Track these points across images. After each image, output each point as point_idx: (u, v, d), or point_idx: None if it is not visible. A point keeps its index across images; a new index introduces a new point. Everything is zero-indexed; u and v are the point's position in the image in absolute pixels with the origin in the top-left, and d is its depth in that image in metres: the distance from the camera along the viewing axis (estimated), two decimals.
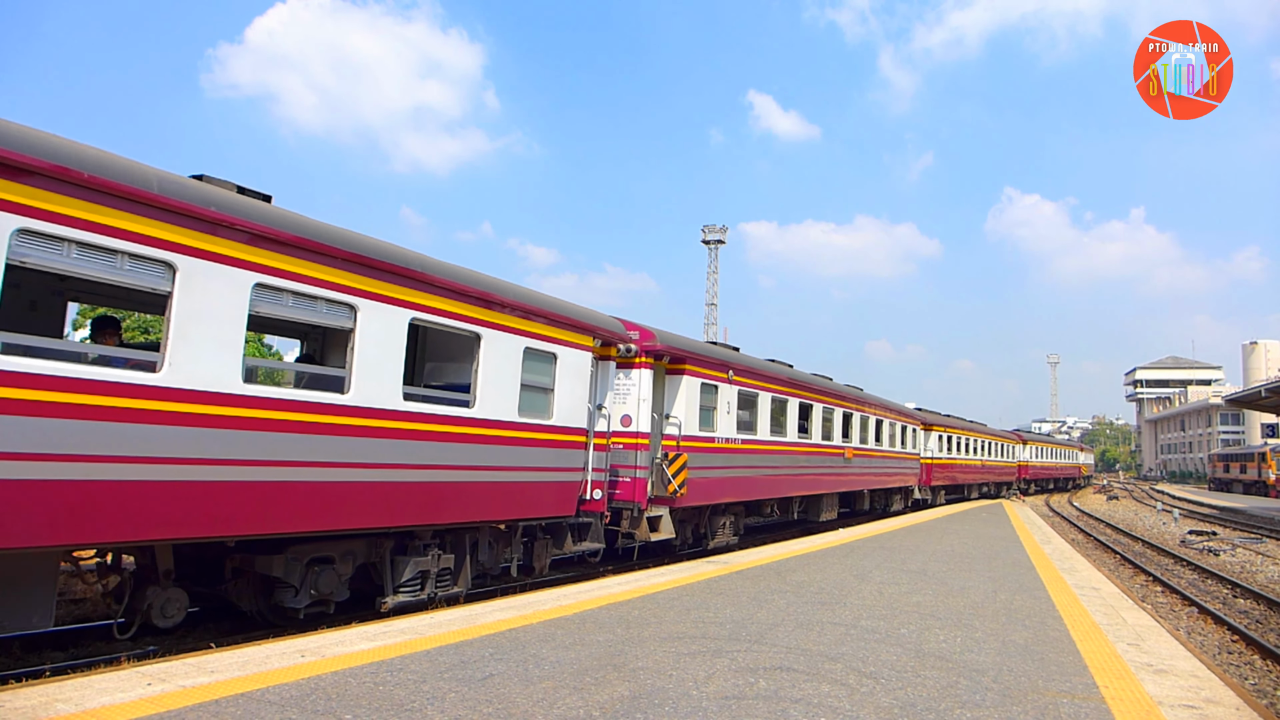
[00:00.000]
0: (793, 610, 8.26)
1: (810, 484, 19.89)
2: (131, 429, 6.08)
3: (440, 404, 8.92)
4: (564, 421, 10.57)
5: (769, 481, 17.38)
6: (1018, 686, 5.72)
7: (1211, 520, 35.52)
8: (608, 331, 11.76)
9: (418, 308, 8.51)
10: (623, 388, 13.03)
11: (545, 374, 10.34)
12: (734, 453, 15.53)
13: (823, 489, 20.86)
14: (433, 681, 5.34)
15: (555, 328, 10.49)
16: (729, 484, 15.47)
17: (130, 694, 4.85)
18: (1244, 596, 15.43)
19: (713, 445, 14.70)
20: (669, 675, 5.65)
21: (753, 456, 16.40)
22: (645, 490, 12.78)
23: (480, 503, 9.34)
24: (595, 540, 11.80)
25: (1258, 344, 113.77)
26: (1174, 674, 6.28)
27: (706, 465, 14.40)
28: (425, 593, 9.01)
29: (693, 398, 14.12)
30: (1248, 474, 69.75)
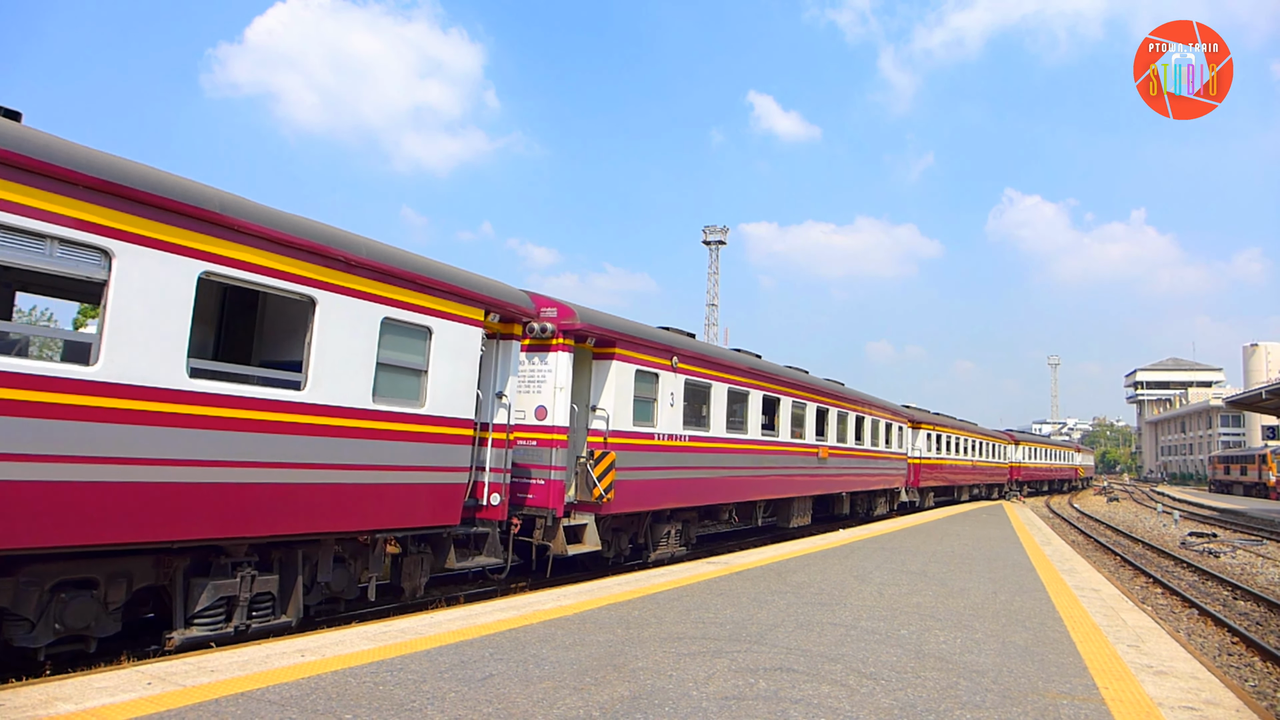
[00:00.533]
0: (793, 611, 8.26)
1: (777, 486, 18.00)
2: None
3: (255, 384, 7.24)
4: (442, 411, 8.88)
5: (725, 484, 15.57)
6: (1018, 688, 5.72)
7: (1212, 522, 35.50)
8: (507, 305, 10.02)
9: (213, 258, 6.77)
10: (536, 374, 11.36)
11: (415, 352, 8.70)
12: (679, 451, 13.79)
13: (792, 492, 18.89)
14: (433, 681, 5.34)
15: (429, 296, 8.84)
16: (673, 487, 13.71)
17: (130, 693, 4.85)
18: (1244, 598, 15.42)
19: (652, 443, 12.94)
20: (669, 676, 5.65)
21: (704, 456, 14.64)
22: (562, 494, 11.15)
23: (317, 510, 7.55)
24: (493, 553, 10.03)
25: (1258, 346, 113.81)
26: (1174, 675, 6.28)
27: (643, 465, 12.67)
28: (233, 624, 7.22)
29: (625, 387, 12.32)
30: (1248, 476, 69.77)
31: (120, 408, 6.16)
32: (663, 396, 13.34)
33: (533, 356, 11.39)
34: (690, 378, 14.24)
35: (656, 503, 13.34)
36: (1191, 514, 40.92)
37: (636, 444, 12.55)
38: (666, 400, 13.44)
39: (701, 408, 14.88)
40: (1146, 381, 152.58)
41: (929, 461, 31.55)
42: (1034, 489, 56.49)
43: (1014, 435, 50.19)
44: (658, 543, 13.83)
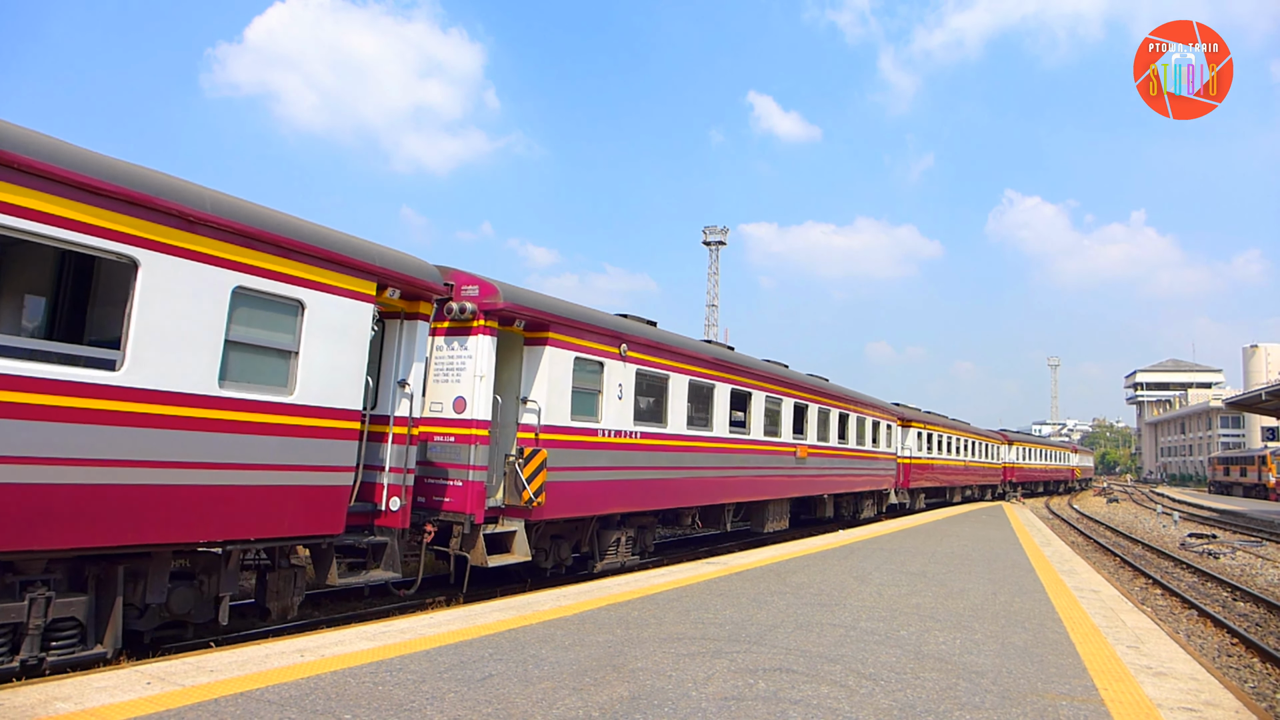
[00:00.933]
0: (792, 611, 8.25)
1: (748, 488, 16.68)
2: None
3: (52, 362, 5.96)
4: (317, 399, 7.57)
5: (686, 486, 14.25)
6: (1017, 688, 5.72)
7: (1211, 523, 35.51)
8: (409, 278, 8.64)
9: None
10: (455, 361, 10.16)
11: (281, 330, 7.35)
12: (629, 449, 12.40)
13: (766, 494, 17.52)
14: (432, 681, 5.34)
15: (301, 263, 7.44)
16: (622, 489, 12.31)
17: (129, 693, 4.85)
18: (1244, 599, 15.42)
19: (595, 440, 11.67)
20: (668, 676, 5.65)
21: (660, 455, 13.31)
22: (482, 497, 9.91)
23: (141, 517, 6.27)
24: (391, 566, 8.71)
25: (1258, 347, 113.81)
26: (1173, 676, 6.28)
27: (584, 465, 11.41)
28: (18, 657, 5.86)
29: (560, 377, 11.02)
30: (1248, 477, 69.75)
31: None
32: (609, 388, 11.99)
33: (452, 341, 10.20)
34: (644, 368, 12.90)
35: (602, 506, 12.00)
36: (1191, 515, 40.92)
37: (576, 440, 11.29)
38: (613, 392, 12.08)
39: (658, 402, 13.61)
40: (1146, 383, 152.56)
41: (920, 461, 30.46)
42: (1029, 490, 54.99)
43: (1008, 435, 48.98)
44: (605, 551, 12.47)
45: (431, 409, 10.16)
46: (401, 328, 9.03)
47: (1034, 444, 56.61)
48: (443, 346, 10.35)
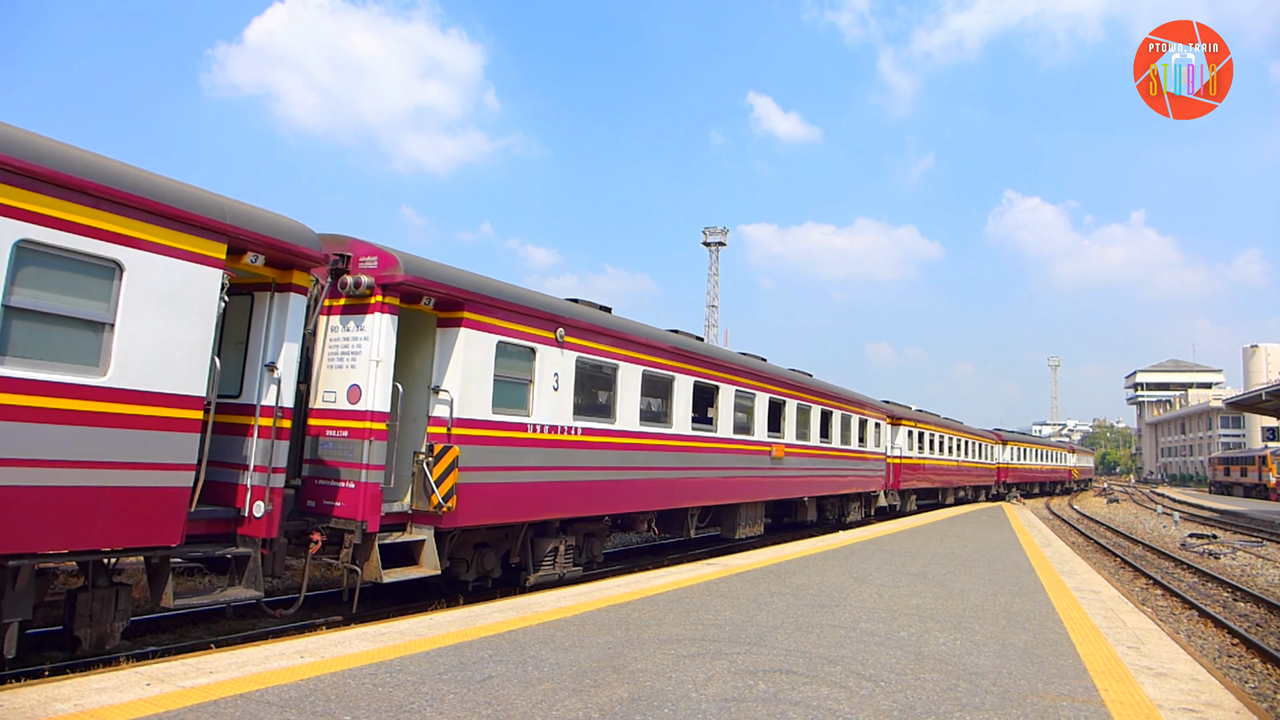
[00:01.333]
0: (792, 612, 8.25)
1: (715, 491, 15.42)
2: None
3: None
4: (142, 383, 6.31)
5: (640, 488, 12.92)
6: (1017, 689, 5.71)
7: (1212, 523, 35.51)
8: (271, 241, 7.29)
9: None
10: (349, 344, 8.93)
11: (89, 296, 6.07)
12: (566, 447, 11.12)
13: (737, 497, 16.27)
14: (432, 683, 5.34)
15: (117, 214, 6.16)
16: (560, 492, 11.03)
17: (129, 694, 4.85)
18: (1244, 600, 15.41)
19: (524, 436, 10.39)
20: (668, 677, 5.65)
21: (608, 453, 12.03)
22: (376, 501, 8.60)
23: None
24: (252, 583, 7.37)
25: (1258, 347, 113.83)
26: (1174, 677, 6.27)
27: (511, 464, 10.15)
28: None
29: (479, 363, 9.74)
30: (1248, 477, 69.76)
31: None
32: (542, 378, 10.71)
33: (348, 321, 8.96)
34: (587, 356, 11.61)
35: (535, 511, 10.74)
36: (1191, 515, 40.92)
37: (498, 436, 10.02)
38: (547, 383, 10.77)
39: (604, 394, 12.36)
40: (1146, 383, 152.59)
41: (910, 461, 29.12)
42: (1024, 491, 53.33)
43: (1002, 435, 47.34)
44: (540, 562, 11.17)
45: (324, 399, 8.96)
46: (272, 301, 7.68)
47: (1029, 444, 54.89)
48: (338, 327, 9.04)
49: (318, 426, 8.97)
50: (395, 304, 8.96)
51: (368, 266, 8.86)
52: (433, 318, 9.70)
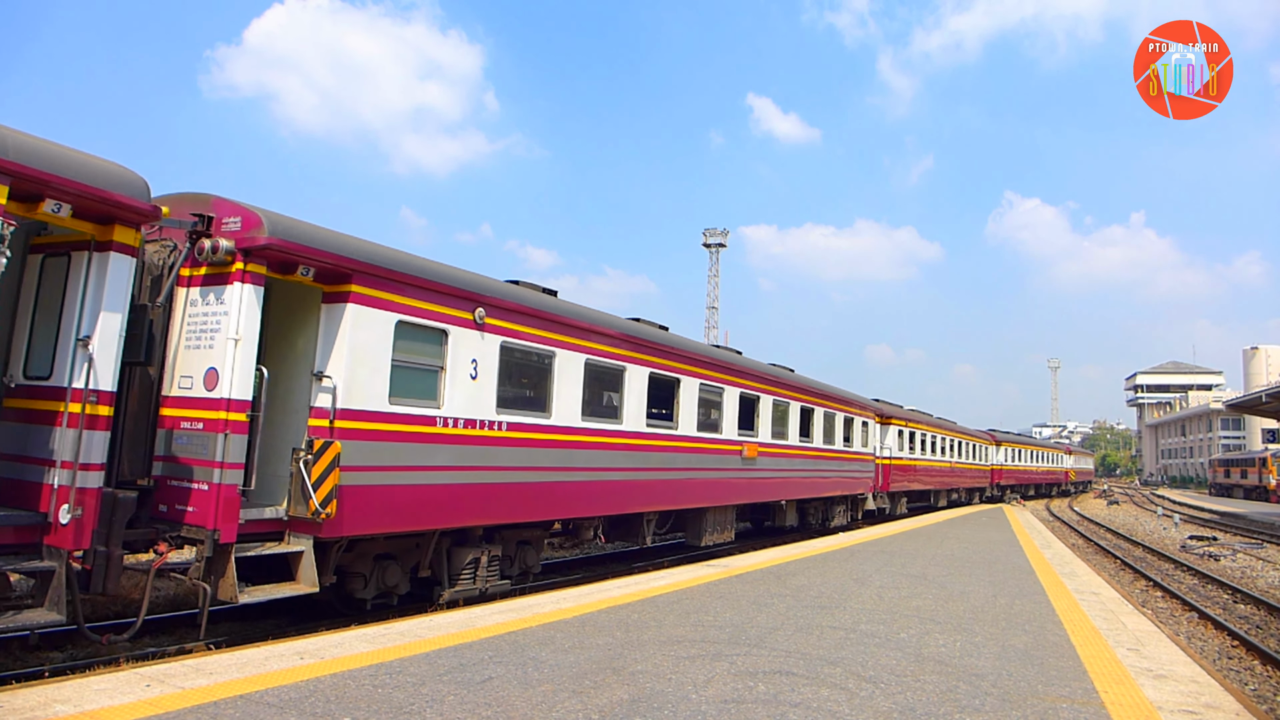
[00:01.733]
0: (792, 614, 8.25)
1: (675, 494, 14.09)
2: None
3: None
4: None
5: (583, 490, 11.57)
6: (1017, 691, 5.71)
7: (1212, 525, 35.51)
8: (75, 185, 6.03)
9: None
10: (209, 320, 7.60)
11: None
12: (488, 444, 9.76)
13: (703, 500, 14.99)
14: (431, 684, 5.34)
15: None
16: (478, 495, 9.67)
17: (129, 696, 4.85)
18: (1244, 602, 15.41)
19: (432, 431, 9.03)
20: (668, 679, 5.65)
21: (540, 452, 10.66)
22: (233, 506, 7.29)
23: None
24: (55, 605, 6.08)
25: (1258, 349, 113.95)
26: (1174, 679, 6.27)
27: (413, 464, 8.81)
28: None
29: (370, 345, 8.39)
30: (1248, 479, 69.76)
31: None
32: (457, 364, 9.36)
33: (208, 294, 7.67)
34: (514, 341, 10.25)
35: (447, 518, 9.38)
36: (1192, 517, 40.92)
37: (400, 432, 8.71)
38: (464, 370, 9.43)
39: (537, 385, 11.00)
40: (1146, 385, 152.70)
41: (900, 462, 27.81)
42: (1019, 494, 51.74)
43: (996, 435, 45.99)
44: (457, 575, 9.85)
45: (180, 385, 7.70)
46: (89, 263, 6.42)
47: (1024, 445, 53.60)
48: (197, 301, 7.74)
49: (171, 417, 7.63)
50: (261, 272, 7.65)
51: (230, 229, 7.56)
52: (317, 292, 8.38)
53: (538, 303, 10.90)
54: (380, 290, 8.52)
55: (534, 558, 11.43)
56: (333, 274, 8.22)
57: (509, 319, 10.21)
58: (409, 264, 8.99)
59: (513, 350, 10.33)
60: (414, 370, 9.00)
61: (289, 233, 7.74)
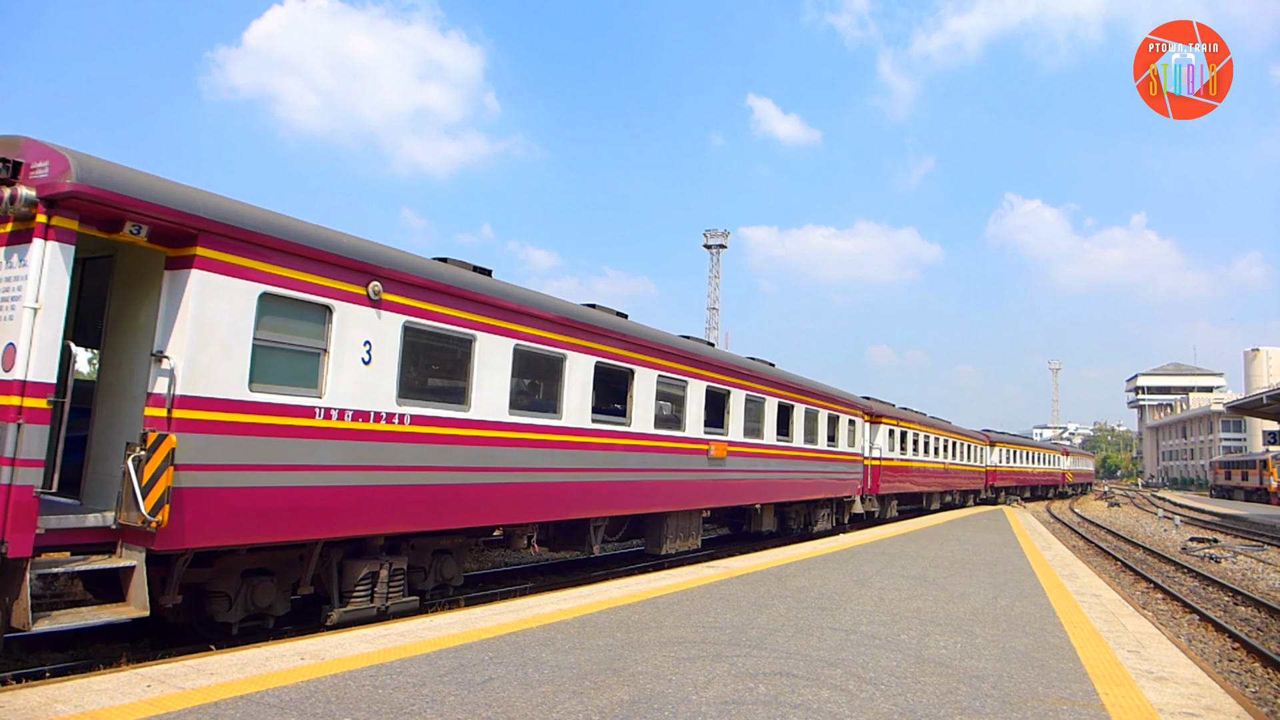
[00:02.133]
0: (793, 615, 8.25)
1: (628, 497, 12.65)
2: None
3: None
4: None
5: (510, 495, 10.12)
6: (1018, 693, 5.71)
7: (1213, 527, 35.49)
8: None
9: None
10: (8, 286, 6.35)
11: None
12: (386, 440, 8.33)
13: (660, 505, 13.57)
14: (432, 685, 5.34)
15: None
16: (374, 500, 8.24)
17: (129, 696, 4.85)
18: (1245, 604, 15.40)
19: (310, 424, 7.66)
20: (668, 680, 5.65)
21: (456, 450, 9.25)
22: (27, 513, 5.96)
23: None
24: None
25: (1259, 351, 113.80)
26: (1174, 681, 6.27)
27: (285, 462, 7.47)
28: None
29: (225, 320, 7.09)
30: (1249, 481, 69.69)
31: None
32: (343, 347, 7.97)
33: (11, 254, 6.37)
34: (420, 321, 8.91)
35: (332, 526, 7.93)
36: (1192, 519, 40.89)
37: (265, 424, 7.37)
38: (353, 354, 8.08)
39: (451, 373, 9.64)
40: (1147, 386, 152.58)
41: (891, 463, 26.62)
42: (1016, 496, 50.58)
43: (991, 436, 44.82)
44: (350, 593, 8.51)
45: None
46: None
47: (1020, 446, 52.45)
48: (1, 264, 6.51)
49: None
50: (71, 228, 6.34)
51: (38, 176, 6.32)
52: (160, 257, 7.07)
53: (453, 278, 9.40)
54: (238, 255, 7.19)
55: (454, 569, 10.18)
56: (175, 234, 6.89)
57: (416, 296, 8.83)
58: (277, 225, 7.55)
59: (420, 333, 8.95)
60: (285, 352, 7.64)
61: (105, 179, 6.36)
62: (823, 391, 21.23)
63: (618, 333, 12.42)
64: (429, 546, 9.79)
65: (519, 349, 10.34)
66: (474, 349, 9.66)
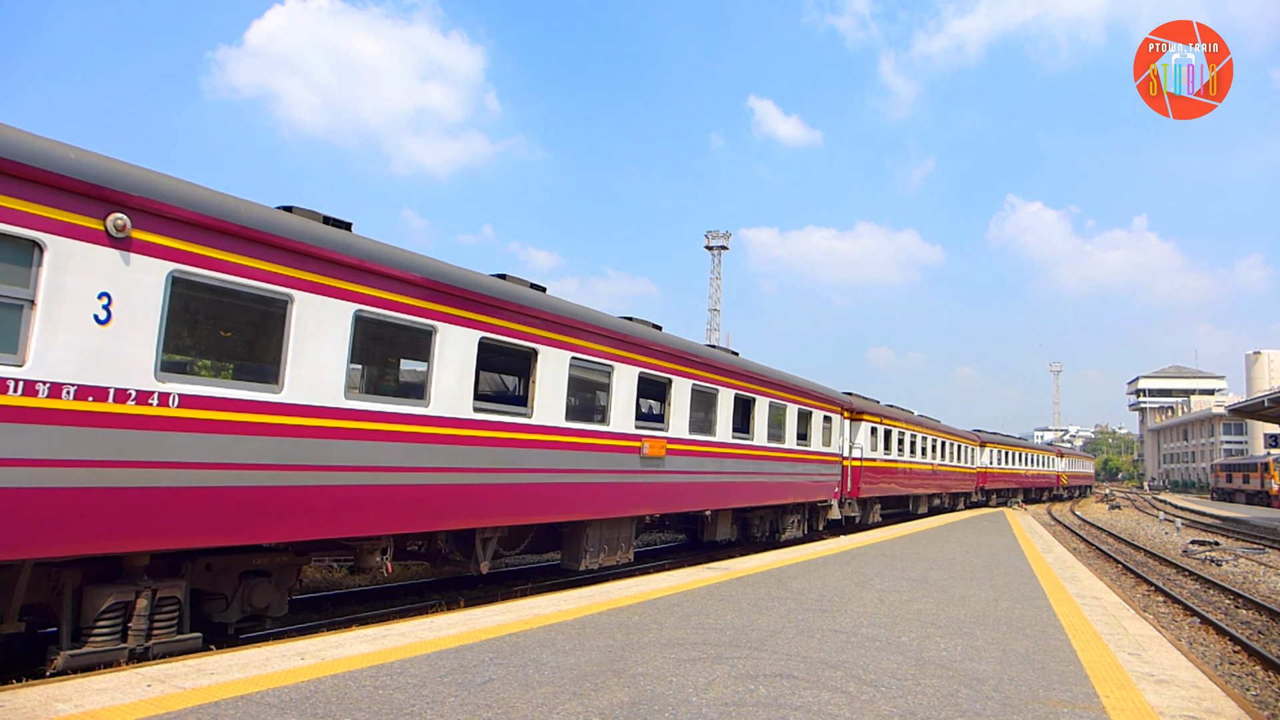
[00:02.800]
0: (793, 617, 8.24)
1: (528, 503, 10.52)
2: None
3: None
4: None
5: (335, 500, 7.84)
6: (1018, 695, 5.70)
7: (1214, 530, 35.45)
8: None
9: None
10: None
11: None
12: (137, 426, 6.27)
13: (576, 512, 11.53)
14: (432, 686, 5.34)
15: None
16: (120, 505, 6.19)
17: (129, 695, 4.85)
18: (1246, 607, 15.38)
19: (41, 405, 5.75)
20: (669, 681, 5.65)
21: (255, 442, 7.14)
22: None
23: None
24: None
25: (1261, 354, 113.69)
26: (1175, 684, 6.26)
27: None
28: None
29: None
30: (1250, 484, 69.62)
31: None
32: (62, 298, 5.97)
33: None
34: (201, 273, 6.79)
35: (46, 541, 5.83)
36: (1193, 522, 40.85)
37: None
38: (80, 308, 6.05)
39: (253, 342, 7.89)
40: (1149, 389, 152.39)
41: (874, 464, 24.87)
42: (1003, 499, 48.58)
43: (982, 436, 43.22)
44: (88, 630, 6.37)
45: None
46: None
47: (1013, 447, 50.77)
48: None
49: None
50: None
51: None
52: None
53: (253, 218, 7.12)
54: None
55: (270, 595, 7.95)
56: None
57: (191, 238, 6.70)
58: None
59: (202, 288, 6.87)
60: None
61: None
62: (792, 384, 18.93)
63: (512, 304, 10.12)
64: (235, 566, 7.71)
65: (363, 316, 8.15)
66: (290, 312, 7.45)
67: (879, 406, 26.72)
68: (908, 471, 28.91)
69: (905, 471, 28.62)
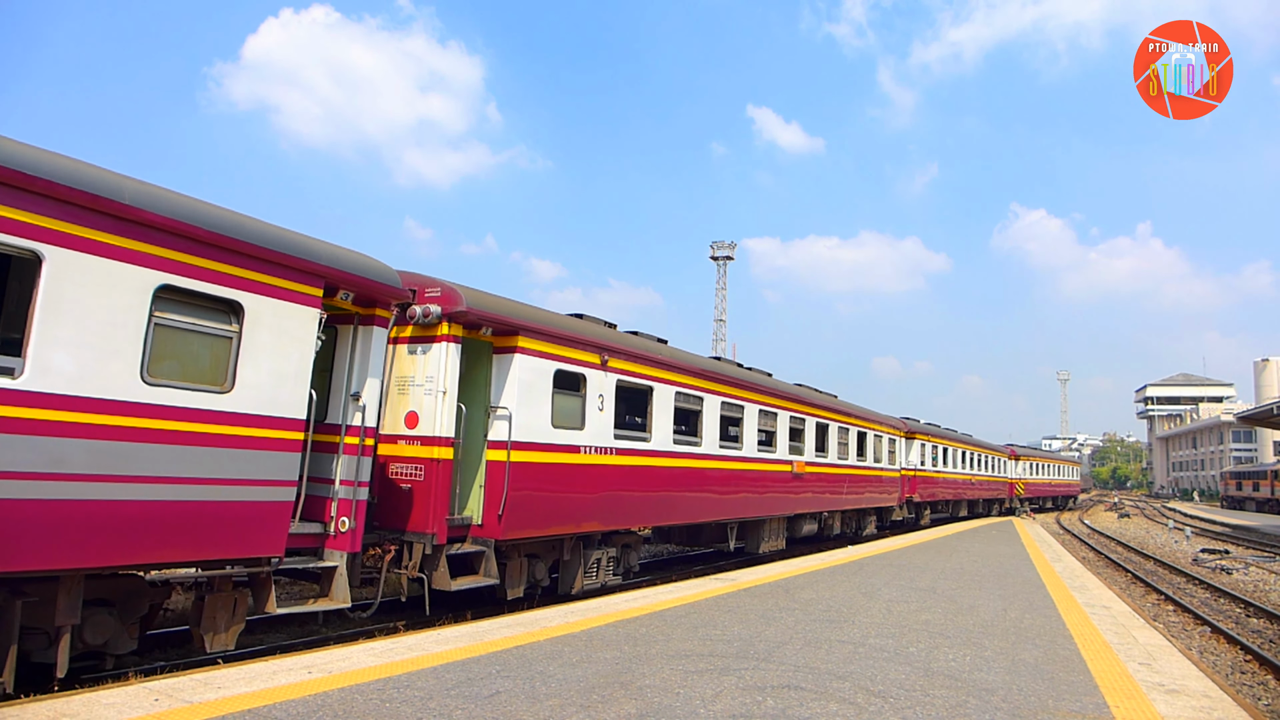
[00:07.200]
0: (801, 628, 8.22)
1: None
2: None
3: None
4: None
5: None
6: (1027, 706, 5.67)
7: (1224, 538, 35.21)
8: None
9: None
10: None
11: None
12: None
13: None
14: (439, 698, 5.33)
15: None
16: None
17: (137, 710, 4.86)
18: (1257, 616, 15.26)
19: None
20: (676, 693, 5.63)
21: None
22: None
23: None
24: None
25: (1269, 360, 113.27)
26: (1186, 694, 6.22)
27: None
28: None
29: None
30: (1260, 492, 69.21)
31: None
32: None
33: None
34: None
35: None
36: (1203, 530, 40.59)
37: None
38: None
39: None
40: (1157, 397, 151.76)
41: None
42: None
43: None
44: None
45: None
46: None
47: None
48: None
49: None
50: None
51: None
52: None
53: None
54: None
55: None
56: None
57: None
58: None
59: None
60: None
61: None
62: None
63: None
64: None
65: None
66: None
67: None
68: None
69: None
